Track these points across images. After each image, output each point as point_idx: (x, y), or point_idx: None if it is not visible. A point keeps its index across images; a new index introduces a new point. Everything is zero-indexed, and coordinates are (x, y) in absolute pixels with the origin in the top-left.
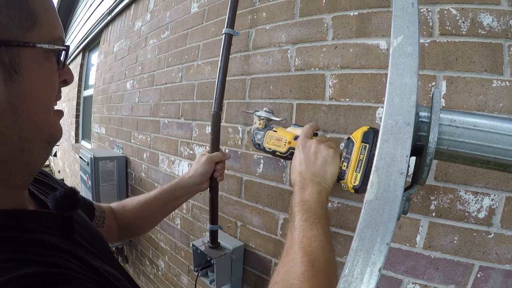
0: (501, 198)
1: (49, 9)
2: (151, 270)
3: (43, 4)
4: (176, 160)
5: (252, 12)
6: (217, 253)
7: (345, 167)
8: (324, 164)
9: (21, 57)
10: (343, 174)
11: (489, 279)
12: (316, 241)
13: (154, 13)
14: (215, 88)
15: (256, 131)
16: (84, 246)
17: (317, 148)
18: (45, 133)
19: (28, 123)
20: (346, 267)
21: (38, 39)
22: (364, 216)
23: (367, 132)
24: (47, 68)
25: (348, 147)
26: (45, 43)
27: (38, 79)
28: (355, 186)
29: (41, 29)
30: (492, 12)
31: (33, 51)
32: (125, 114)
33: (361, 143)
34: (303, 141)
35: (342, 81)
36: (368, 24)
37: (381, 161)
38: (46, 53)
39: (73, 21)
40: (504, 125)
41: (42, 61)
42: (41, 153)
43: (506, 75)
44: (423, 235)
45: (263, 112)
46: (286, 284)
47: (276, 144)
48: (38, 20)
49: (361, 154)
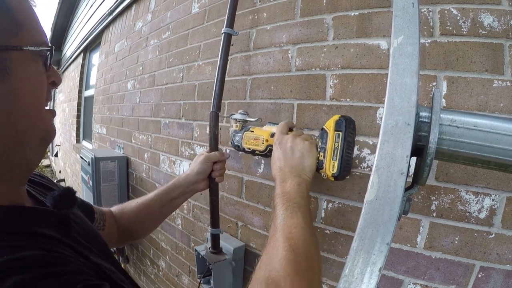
0: (502, 199)
1: (31, 17)
2: (152, 270)
3: (26, 13)
4: (177, 160)
5: (253, 12)
6: (216, 258)
7: (322, 157)
8: (302, 156)
9: (10, 59)
10: (321, 164)
11: (490, 280)
12: (297, 227)
13: (155, 14)
14: (214, 87)
15: (234, 134)
16: (80, 242)
17: (293, 143)
18: (40, 130)
19: (21, 120)
20: (346, 267)
21: (23, 43)
22: (365, 216)
23: (339, 121)
24: (35, 69)
25: (323, 137)
26: (30, 46)
27: (26, 79)
28: (334, 174)
29: (25, 35)
30: (493, 12)
31: (20, 54)
32: (126, 114)
33: (334, 131)
34: (279, 137)
35: (343, 81)
36: (368, 24)
37: (381, 161)
38: (33, 56)
39: (74, 21)
40: (505, 125)
41: (30, 63)
42: (36, 149)
43: (507, 75)
44: (424, 235)
45: (239, 115)
46: (268, 267)
47: (254, 144)
48: (23, 27)
49: (336, 142)
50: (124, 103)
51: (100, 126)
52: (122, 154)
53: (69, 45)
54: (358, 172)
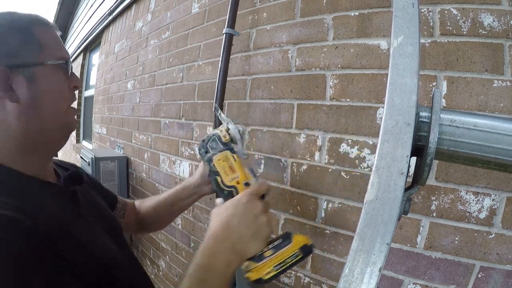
0: (502, 199)
1: (53, 39)
2: (152, 270)
3: (48, 37)
4: (177, 161)
5: (253, 12)
6: None
7: (267, 255)
8: (254, 237)
9: (36, 71)
10: (259, 260)
11: (490, 280)
12: None
13: (155, 14)
14: (216, 88)
15: (216, 139)
16: (86, 219)
17: (259, 218)
18: (61, 120)
19: (44, 113)
20: (346, 267)
21: (45, 59)
22: (364, 216)
23: (309, 247)
24: (56, 77)
25: (284, 241)
26: (51, 61)
27: (48, 85)
28: (262, 279)
29: (47, 52)
30: (493, 12)
31: (43, 67)
32: (126, 115)
33: (298, 249)
34: (251, 197)
35: (343, 81)
36: (368, 24)
37: (381, 161)
38: (54, 67)
39: (74, 21)
40: (505, 125)
41: (51, 73)
42: (59, 134)
43: (507, 75)
44: (424, 235)
45: (236, 130)
46: None
47: (225, 171)
48: (45, 47)
49: (289, 258)
50: (124, 103)
51: (100, 126)
52: (122, 154)
53: (69, 45)
54: (358, 172)
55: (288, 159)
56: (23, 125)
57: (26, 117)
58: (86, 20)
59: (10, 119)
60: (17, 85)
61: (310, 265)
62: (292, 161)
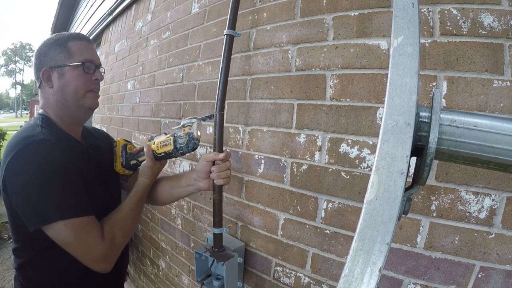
0: (502, 199)
1: (80, 48)
2: (152, 270)
3: (77, 46)
4: (177, 160)
5: (253, 12)
6: (225, 256)
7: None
8: None
9: (64, 70)
10: None
11: (490, 280)
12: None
13: (155, 14)
14: (217, 89)
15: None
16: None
17: None
18: (79, 100)
19: (67, 94)
20: (346, 267)
21: (72, 61)
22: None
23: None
24: (75, 73)
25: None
26: (73, 63)
27: (71, 78)
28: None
29: (74, 57)
30: (493, 12)
31: (69, 67)
32: (126, 115)
33: (120, 146)
34: None
35: (343, 81)
36: (368, 24)
37: (381, 161)
38: (75, 67)
39: (74, 21)
40: (505, 125)
41: (73, 70)
42: (79, 109)
43: (507, 75)
44: (424, 235)
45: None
46: None
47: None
48: (72, 54)
49: (121, 152)
50: (124, 103)
51: (100, 126)
52: None
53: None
54: (358, 172)
55: (288, 159)
56: (55, 101)
57: (56, 97)
58: (86, 20)
59: (50, 97)
60: (53, 78)
61: (310, 265)
62: (292, 161)
